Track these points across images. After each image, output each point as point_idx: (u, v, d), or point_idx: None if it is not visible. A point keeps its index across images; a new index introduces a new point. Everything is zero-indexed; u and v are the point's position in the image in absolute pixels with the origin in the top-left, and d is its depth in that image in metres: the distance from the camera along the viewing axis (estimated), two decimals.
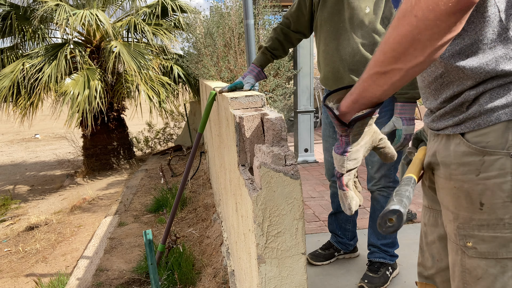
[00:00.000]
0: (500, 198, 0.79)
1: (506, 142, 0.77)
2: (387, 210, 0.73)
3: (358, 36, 1.85)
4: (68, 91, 6.72)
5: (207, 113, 2.11)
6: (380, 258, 2.16)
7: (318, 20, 1.98)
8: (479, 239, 0.83)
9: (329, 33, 1.93)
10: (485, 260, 0.82)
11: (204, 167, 5.98)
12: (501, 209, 0.79)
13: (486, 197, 0.80)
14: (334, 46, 1.92)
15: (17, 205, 6.76)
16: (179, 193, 2.31)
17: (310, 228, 2.96)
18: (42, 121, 10.90)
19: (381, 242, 2.17)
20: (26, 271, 3.98)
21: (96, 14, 6.65)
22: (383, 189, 2.11)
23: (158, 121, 9.15)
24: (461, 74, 0.81)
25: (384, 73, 0.71)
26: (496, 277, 0.82)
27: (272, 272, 1.13)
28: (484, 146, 0.79)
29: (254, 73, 1.95)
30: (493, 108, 0.78)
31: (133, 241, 4.08)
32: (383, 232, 0.75)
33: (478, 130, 0.80)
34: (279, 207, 1.12)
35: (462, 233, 0.86)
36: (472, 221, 0.83)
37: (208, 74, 5.35)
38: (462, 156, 0.82)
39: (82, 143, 8.35)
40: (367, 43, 1.86)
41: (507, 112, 0.77)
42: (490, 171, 0.79)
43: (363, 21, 1.83)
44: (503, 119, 0.77)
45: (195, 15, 6.73)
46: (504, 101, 0.77)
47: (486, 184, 0.80)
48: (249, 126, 1.21)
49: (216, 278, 2.65)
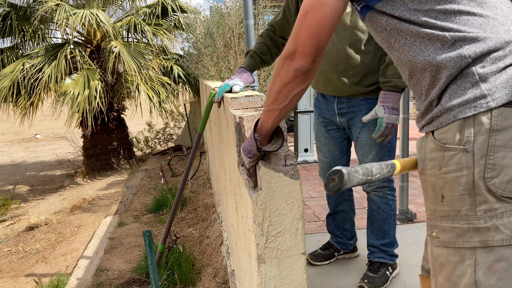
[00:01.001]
0: (457, 191, 0.85)
1: (462, 138, 0.84)
2: (330, 171, 0.82)
3: (342, 37, 1.87)
4: (68, 91, 6.72)
5: (207, 113, 2.11)
6: (380, 258, 2.15)
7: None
8: (441, 229, 0.90)
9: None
10: (446, 249, 0.89)
11: (204, 167, 5.98)
12: (458, 202, 0.86)
13: (446, 190, 0.87)
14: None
15: (17, 205, 6.76)
16: (179, 193, 2.31)
17: (310, 228, 2.96)
18: (42, 121, 10.91)
19: (380, 242, 2.15)
20: (26, 271, 3.98)
21: (96, 14, 6.65)
22: (378, 189, 2.10)
23: (158, 121, 9.15)
24: (417, 70, 0.92)
25: (268, 111, 1.02)
26: (455, 265, 0.88)
27: (272, 272, 1.13)
28: (444, 143, 0.86)
29: (242, 76, 1.91)
30: (451, 107, 0.86)
31: (133, 241, 4.08)
32: (329, 191, 0.83)
33: (441, 128, 0.88)
34: (279, 207, 1.12)
35: (429, 224, 0.93)
36: (436, 212, 0.91)
37: (208, 74, 5.35)
38: (430, 151, 0.91)
39: (82, 143, 8.35)
40: (352, 42, 1.87)
41: (462, 110, 0.84)
42: (449, 165, 0.86)
43: (345, 21, 1.83)
44: (459, 117, 0.84)
45: (195, 15, 6.73)
46: (460, 100, 0.84)
47: (446, 178, 0.87)
48: (249, 126, 1.21)
49: (216, 278, 2.66)
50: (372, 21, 0.98)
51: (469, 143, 0.83)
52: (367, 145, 2.01)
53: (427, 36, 0.88)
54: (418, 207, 3.28)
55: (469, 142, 0.83)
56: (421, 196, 3.57)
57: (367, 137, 2.00)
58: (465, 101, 0.84)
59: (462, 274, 0.87)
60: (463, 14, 0.86)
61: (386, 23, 0.94)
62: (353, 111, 2.02)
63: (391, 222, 2.15)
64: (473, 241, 0.85)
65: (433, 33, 0.87)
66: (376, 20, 0.96)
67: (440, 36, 0.87)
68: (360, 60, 1.89)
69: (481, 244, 0.84)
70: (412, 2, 0.88)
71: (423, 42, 0.89)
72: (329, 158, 2.23)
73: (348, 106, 2.03)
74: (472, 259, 0.85)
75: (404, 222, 2.98)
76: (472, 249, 0.85)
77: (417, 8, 0.88)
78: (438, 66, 0.87)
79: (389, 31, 0.94)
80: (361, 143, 2.04)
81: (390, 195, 2.12)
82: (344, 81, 1.93)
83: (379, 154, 2.01)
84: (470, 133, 0.83)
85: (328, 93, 2.08)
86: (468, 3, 0.86)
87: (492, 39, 0.84)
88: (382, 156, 2.02)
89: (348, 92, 1.98)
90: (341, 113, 2.06)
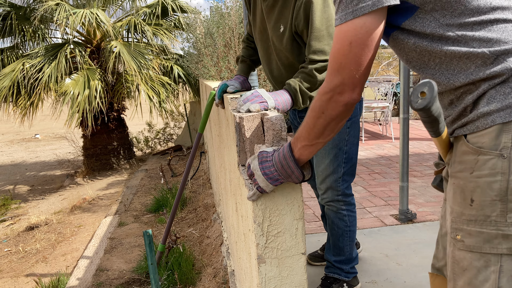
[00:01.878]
0: (489, 196, 0.83)
1: (499, 143, 0.82)
2: (417, 85, 0.77)
3: (278, 56, 1.80)
4: (68, 91, 6.72)
5: (207, 113, 2.10)
6: (335, 274, 2.05)
7: (254, 38, 1.95)
8: (467, 233, 0.88)
9: (262, 50, 1.89)
10: (471, 253, 0.87)
11: (204, 167, 5.98)
12: (488, 207, 0.84)
13: (477, 194, 0.85)
14: (267, 68, 1.90)
15: (17, 205, 6.76)
16: (179, 193, 2.31)
17: (310, 228, 2.96)
18: (42, 121, 10.91)
19: (335, 259, 2.04)
20: (26, 271, 3.98)
21: (96, 13, 6.65)
22: (331, 203, 1.97)
23: (158, 121, 9.15)
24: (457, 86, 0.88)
25: (311, 145, 0.99)
26: (479, 270, 0.86)
27: (272, 272, 1.13)
28: (480, 146, 0.84)
29: (239, 80, 1.90)
30: (490, 112, 0.83)
31: (133, 241, 4.08)
32: (416, 108, 0.78)
33: (477, 132, 0.85)
34: (279, 207, 1.12)
35: (454, 226, 0.91)
36: (463, 215, 0.88)
37: (208, 74, 5.35)
38: (461, 154, 0.88)
39: (82, 143, 8.35)
40: (285, 63, 1.79)
41: (502, 115, 0.82)
42: (482, 170, 0.84)
43: (281, 41, 1.73)
44: (498, 122, 0.82)
45: (195, 15, 6.73)
46: (499, 105, 0.82)
47: (478, 182, 0.85)
48: (249, 126, 1.21)
49: (216, 278, 2.66)
50: (398, 42, 0.94)
51: (506, 149, 0.81)
52: (320, 154, 1.92)
53: (465, 56, 0.85)
54: (418, 207, 3.28)
55: (506, 148, 0.81)
56: (421, 196, 3.57)
57: None
58: (506, 106, 0.82)
59: (485, 279, 0.86)
60: (499, 22, 0.83)
61: (415, 45, 0.90)
62: None
63: (347, 239, 2.00)
64: (501, 248, 0.84)
65: (470, 51, 0.84)
66: (403, 41, 0.92)
67: (480, 53, 0.84)
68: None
69: (509, 251, 0.83)
70: (444, 17, 0.85)
71: (461, 61, 0.86)
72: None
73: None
74: (498, 265, 0.84)
75: (404, 222, 2.98)
76: (498, 255, 0.84)
77: (450, 23, 0.85)
78: (482, 79, 0.84)
79: (420, 52, 0.91)
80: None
81: (345, 210, 1.97)
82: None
83: (332, 164, 1.89)
84: (509, 139, 0.81)
85: None
86: (503, 12, 0.83)
87: None
88: (336, 167, 1.90)
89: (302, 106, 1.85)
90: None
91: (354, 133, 1.90)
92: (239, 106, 1.36)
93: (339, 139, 1.87)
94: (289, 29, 1.65)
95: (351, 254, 2.04)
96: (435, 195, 3.57)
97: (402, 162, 2.98)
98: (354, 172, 1.97)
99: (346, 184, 1.94)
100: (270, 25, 1.75)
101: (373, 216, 3.14)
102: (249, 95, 1.39)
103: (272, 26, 1.74)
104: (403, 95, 2.88)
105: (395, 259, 2.44)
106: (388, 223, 2.99)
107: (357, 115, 1.91)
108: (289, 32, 1.67)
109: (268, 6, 1.73)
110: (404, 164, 2.98)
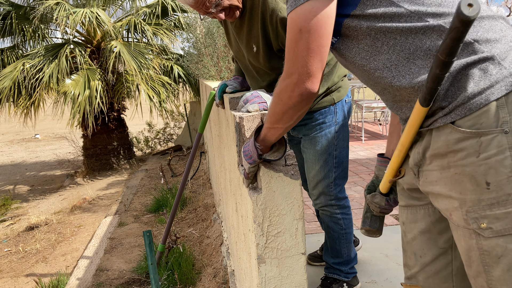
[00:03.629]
0: (504, 174, 0.81)
1: (498, 119, 0.81)
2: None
3: (259, 74, 1.78)
4: (69, 91, 6.72)
5: (207, 113, 2.11)
6: (334, 275, 2.05)
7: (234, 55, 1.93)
8: (493, 218, 0.83)
9: (243, 68, 1.88)
10: (503, 237, 0.83)
11: (204, 167, 5.98)
12: (507, 185, 0.81)
13: (491, 175, 0.82)
14: (250, 80, 1.88)
15: (17, 205, 6.76)
16: (179, 193, 2.31)
17: (310, 228, 2.96)
18: (42, 121, 10.91)
19: (333, 261, 2.03)
20: (26, 271, 3.98)
21: (96, 13, 6.65)
22: (324, 208, 1.95)
23: (158, 121, 9.15)
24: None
25: (272, 128, 1.03)
26: None
27: (272, 272, 1.13)
28: (478, 128, 0.82)
29: (238, 80, 1.90)
30: (480, 91, 0.82)
31: (133, 241, 4.08)
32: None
33: (471, 114, 0.83)
34: (279, 207, 1.12)
35: (473, 216, 0.86)
36: (482, 202, 0.84)
37: (208, 74, 5.35)
38: (457, 142, 0.85)
39: (82, 143, 8.35)
40: (267, 79, 1.77)
41: (493, 91, 0.81)
42: (489, 150, 0.81)
43: (257, 60, 1.72)
44: (491, 99, 0.81)
45: (195, 15, 6.73)
46: (487, 82, 0.82)
47: (488, 163, 0.82)
48: (249, 126, 1.21)
49: (216, 278, 2.66)
50: (351, 30, 0.91)
51: (506, 123, 0.80)
52: (310, 160, 1.90)
53: (421, 30, 0.84)
54: None
55: (506, 123, 0.80)
56: None
57: (310, 151, 1.88)
58: (494, 82, 0.81)
59: None
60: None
61: (369, 29, 0.88)
62: (299, 124, 1.89)
63: (343, 242, 1.99)
64: None
65: (427, 25, 0.83)
66: (356, 28, 0.90)
67: (436, 26, 0.83)
68: None
69: None
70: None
71: (417, 37, 0.85)
72: (302, 170, 2.09)
73: None
74: None
75: None
76: None
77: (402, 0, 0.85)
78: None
79: (374, 36, 0.88)
80: (306, 157, 1.92)
81: (340, 213, 1.95)
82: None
83: (323, 170, 1.87)
84: (505, 113, 0.80)
85: None
86: None
87: (485, 19, 0.82)
88: (327, 172, 1.87)
89: None
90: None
91: (343, 137, 1.88)
92: (239, 107, 1.37)
93: (328, 145, 1.85)
94: (263, 47, 1.65)
95: (349, 256, 2.03)
96: None
97: None
98: (347, 174, 1.96)
99: (338, 188, 1.92)
100: (243, 46, 1.75)
101: None
102: (248, 95, 1.39)
103: (244, 47, 1.74)
104: None
105: (395, 259, 2.44)
106: (388, 223, 2.99)
107: (345, 118, 1.88)
108: (264, 51, 1.66)
109: (237, 27, 1.72)
110: None
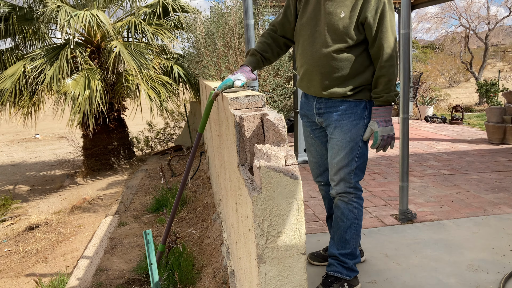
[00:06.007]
0: None
1: None
2: None
3: (332, 40, 1.89)
4: (69, 91, 6.72)
5: (207, 113, 2.11)
6: (336, 273, 2.05)
7: (298, 25, 2.03)
8: None
9: (307, 37, 1.97)
10: None
11: (204, 167, 5.98)
12: None
13: None
14: (309, 49, 1.96)
15: (17, 205, 6.76)
16: (179, 193, 2.31)
17: (310, 228, 2.96)
18: (42, 121, 10.90)
19: (340, 252, 2.06)
20: (26, 271, 3.98)
21: (96, 15, 6.65)
22: (343, 194, 2.03)
23: (159, 121, 9.15)
24: None
25: None
26: None
27: (272, 272, 1.13)
28: None
29: (244, 72, 1.94)
30: None
31: (133, 241, 4.08)
32: None
33: None
34: (279, 207, 1.12)
35: None
36: None
37: (208, 74, 5.35)
38: None
39: (82, 143, 8.35)
40: (340, 47, 1.88)
41: None
42: None
43: (338, 26, 1.86)
44: None
45: (195, 15, 6.73)
46: None
47: None
48: (249, 126, 1.21)
49: (216, 278, 2.66)
50: None
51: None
52: (337, 146, 1.99)
53: None
54: (418, 207, 3.27)
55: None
56: (421, 196, 3.57)
57: (339, 138, 1.98)
58: None
59: None
60: None
61: None
62: (329, 111, 2.01)
63: (354, 232, 2.06)
64: None
65: None
66: None
67: None
68: (345, 65, 1.91)
69: None
70: None
71: None
72: (317, 158, 2.21)
73: (326, 106, 2.02)
74: None
75: (404, 222, 2.98)
76: None
77: None
78: None
79: None
80: (332, 144, 2.02)
81: (356, 202, 2.05)
82: (325, 83, 1.95)
83: (347, 157, 1.98)
84: None
85: (309, 93, 2.09)
86: None
87: None
88: (350, 160, 1.98)
89: (328, 94, 1.97)
90: (319, 113, 2.06)
91: None
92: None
93: (357, 134, 1.97)
94: (350, 16, 1.85)
95: (355, 249, 2.09)
96: (435, 195, 3.57)
97: (402, 162, 2.98)
98: (365, 169, 2.06)
99: (357, 178, 2.03)
100: (330, 10, 1.88)
101: (373, 216, 3.14)
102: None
103: (332, 11, 1.88)
104: (403, 95, 2.88)
105: (395, 259, 2.44)
106: (388, 223, 2.99)
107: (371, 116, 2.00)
108: (350, 19, 1.85)
109: None
110: (404, 164, 2.98)
